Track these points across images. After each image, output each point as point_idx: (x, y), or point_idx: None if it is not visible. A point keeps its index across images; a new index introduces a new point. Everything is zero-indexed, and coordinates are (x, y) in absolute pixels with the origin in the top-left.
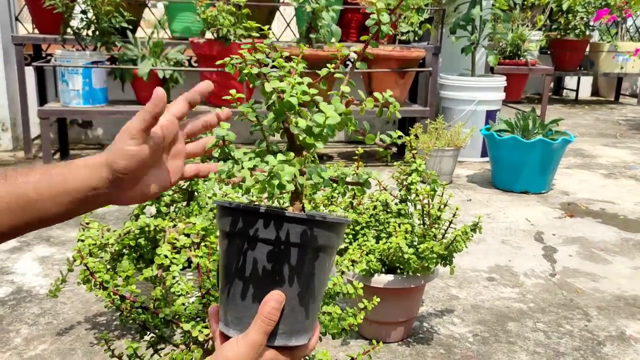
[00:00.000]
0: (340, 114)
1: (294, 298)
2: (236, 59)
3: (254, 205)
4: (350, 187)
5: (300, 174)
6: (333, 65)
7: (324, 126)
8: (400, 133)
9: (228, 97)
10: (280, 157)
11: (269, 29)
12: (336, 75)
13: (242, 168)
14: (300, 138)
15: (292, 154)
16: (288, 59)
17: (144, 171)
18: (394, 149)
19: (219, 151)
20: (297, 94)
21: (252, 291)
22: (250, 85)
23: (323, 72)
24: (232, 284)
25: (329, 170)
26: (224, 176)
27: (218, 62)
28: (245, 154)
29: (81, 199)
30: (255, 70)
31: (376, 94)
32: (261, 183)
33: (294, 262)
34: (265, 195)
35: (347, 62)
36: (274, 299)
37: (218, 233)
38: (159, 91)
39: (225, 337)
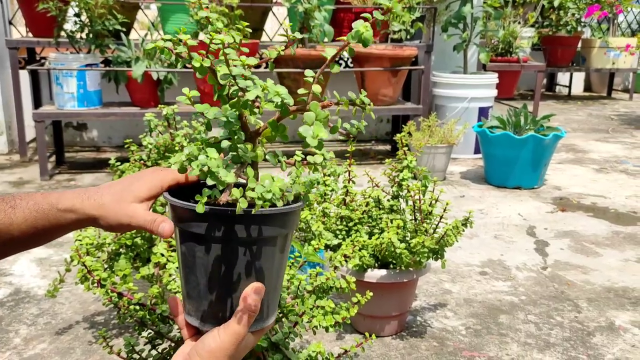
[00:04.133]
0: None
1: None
2: (167, 41)
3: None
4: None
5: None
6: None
7: (321, 145)
8: (365, 123)
9: (182, 98)
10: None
11: (262, 30)
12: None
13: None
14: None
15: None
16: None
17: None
18: (388, 147)
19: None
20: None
21: (208, 285)
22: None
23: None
24: (188, 277)
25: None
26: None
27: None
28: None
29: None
30: (207, 63)
31: (350, 94)
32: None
33: (223, 256)
34: None
35: (340, 62)
36: (255, 292)
37: None
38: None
39: (194, 328)
